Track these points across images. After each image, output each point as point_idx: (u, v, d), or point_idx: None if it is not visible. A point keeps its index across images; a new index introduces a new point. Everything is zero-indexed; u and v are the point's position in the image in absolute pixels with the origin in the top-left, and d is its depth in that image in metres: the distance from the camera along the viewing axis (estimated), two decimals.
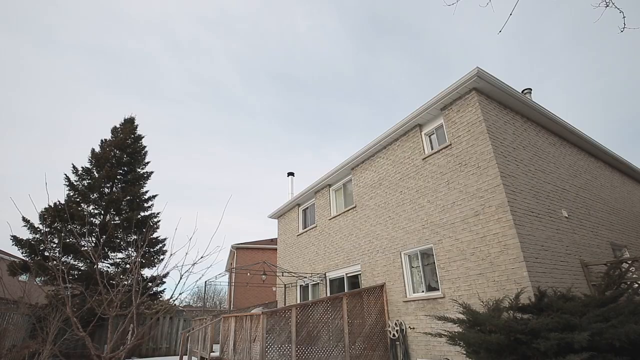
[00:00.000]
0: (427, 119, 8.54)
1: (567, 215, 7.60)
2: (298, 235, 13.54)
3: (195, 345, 9.88)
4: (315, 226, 12.41)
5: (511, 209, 6.22)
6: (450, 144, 7.66)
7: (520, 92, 8.49)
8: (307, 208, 13.69)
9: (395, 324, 7.91)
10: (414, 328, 7.58)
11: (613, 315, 4.11)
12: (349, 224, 10.64)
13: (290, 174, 16.20)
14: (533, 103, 8.15)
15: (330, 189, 12.13)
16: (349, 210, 10.77)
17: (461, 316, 5.19)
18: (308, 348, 7.17)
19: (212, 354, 9.13)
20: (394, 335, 7.84)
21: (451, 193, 7.41)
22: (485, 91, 7.46)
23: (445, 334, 5.20)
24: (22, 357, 9.92)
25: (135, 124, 18.35)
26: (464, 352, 5.07)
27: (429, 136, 8.59)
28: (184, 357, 10.01)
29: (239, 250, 24.69)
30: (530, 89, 10.61)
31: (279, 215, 15.43)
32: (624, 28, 3.58)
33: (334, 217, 11.46)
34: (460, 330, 5.09)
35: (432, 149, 8.37)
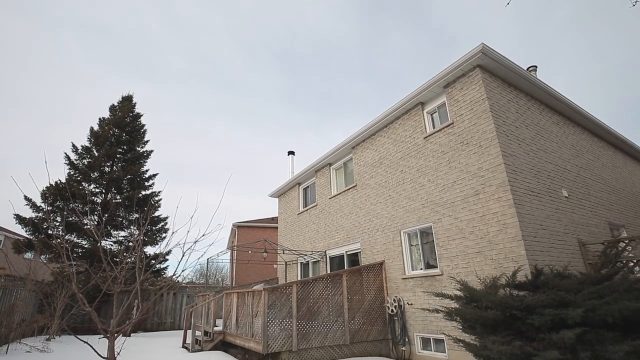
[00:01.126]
0: (429, 97, 8.41)
1: (567, 195, 7.61)
2: (299, 214, 13.64)
3: (199, 320, 10.17)
4: (316, 205, 12.49)
5: (511, 189, 6.22)
6: (452, 123, 7.57)
7: (525, 69, 8.30)
8: (308, 187, 13.73)
9: (394, 300, 8.10)
10: (412, 304, 7.76)
11: (607, 293, 4.18)
12: (349, 202, 10.70)
13: (291, 152, 16.13)
14: (538, 81, 7.99)
15: (331, 168, 12.11)
16: (349, 189, 10.79)
17: (458, 293, 5.30)
18: (308, 323, 7.38)
19: (215, 328, 9.41)
20: (392, 310, 8.04)
21: (452, 172, 7.39)
22: (490, 68, 7.29)
23: (443, 309, 5.33)
24: (32, 330, 10.26)
25: (133, 102, 18.11)
26: (460, 328, 5.21)
27: (431, 115, 8.49)
28: (188, 331, 10.31)
29: (240, 228, 24.98)
30: (536, 67, 10.38)
31: (280, 194, 15.49)
32: (635, 2, 3.45)
33: (334, 196, 11.51)
34: (457, 306, 5.21)
35: (433, 127, 8.28)
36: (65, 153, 15.85)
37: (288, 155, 16.14)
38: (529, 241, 5.99)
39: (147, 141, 17.82)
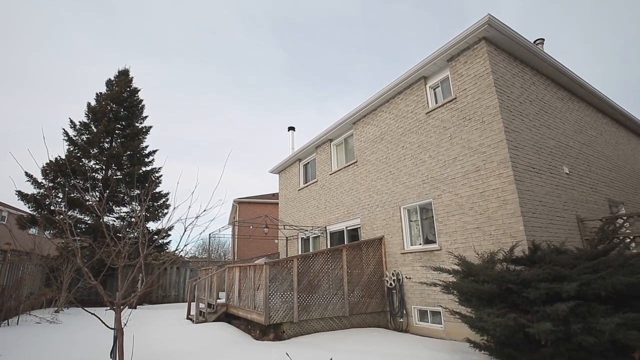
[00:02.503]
0: (432, 71, 8.21)
1: (568, 172, 7.60)
2: (299, 190, 13.70)
3: (202, 293, 10.45)
4: (316, 181, 12.51)
5: (512, 165, 6.20)
6: (455, 98, 7.44)
7: (532, 42, 8.05)
8: (308, 163, 13.70)
9: (393, 274, 8.27)
10: (410, 278, 7.93)
11: (602, 268, 4.25)
12: (349, 178, 10.71)
13: (291, 128, 15.98)
14: (544, 55, 7.78)
15: (332, 143, 12.03)
16: (349, 165, 10.77)
17: (456, 267, 5.40)
18: (309, 295, 7.58)
19: (218, 300, 9.68)
20: (390, 284, 8.24)
21: (453, 148, 7.34)
22: (496, 41, 7.08)
23: (440, 283, 5.45)
24: (40, 303, 10.57)
25: (130, 76, 17.76)
26: (457, 300, 5.34)
27: (434, 89, 8.32)
28: (192, 303, 10.62)
29: (241, 204, 25.17)
30: (543, 40, 10.07)
31: (280, 170, 15.48)
32: None
33: (334, 172, 11.50)
34: (455, 280, 5.32)
35: (436, 102, 8.14)
36: (64, 129, 15.73)
37: (288, 131, 16.00)
38: (528, 217, 6.04)
39: (146, 117, 17.63)
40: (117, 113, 16.77)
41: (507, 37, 6.95)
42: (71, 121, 15.98)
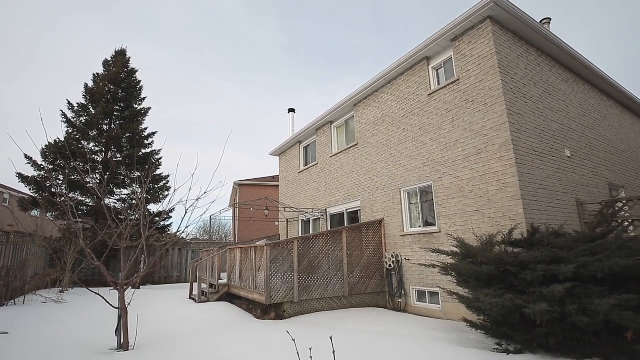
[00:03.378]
0: (436, 51, 8.04)
1: (569, 155, 7.56)
2: (299, 173, 13.69)
3: (204, 274, 10.62)
4: (317, 163, 12.48)
5: (514, 148, 6.16)
6: (458, 79, 7.32)
7: (539, 22, 7.85)
8: (309, 145, 13.63)
9: (392, 255, 8.37)
10: (409, 259, 8.03)
11: (600, 251, 4.29)
12: (350, 161, 10.68)
13: (291, 110, 15.81)
14: (551, 35, 7.59)
15: (332, 126, 11.93)
16: (350, 147, 10.72)
17: (455, 249, 5.46)
18: (309, 276, 7.70)
19: (220, 281, 9.85)
20: (390, 265, 8.35)
21: (455, 131, 7.28)
22: (501, 20, 6.89)
23: (439, 265, 5.52)
24: (45, 283, 10.75)
25: (127, 56, 17.43)
26: (455, 282, 5.43)
27: (437, 70, 8.17)
28: (194, 284, 10.81)
29: (241, 186, 25.23)
30: (550, 19, 9.82)
31: (280, 152, 15.43)
32: None
33: (335, 155, 11.46)
34: (453, 262, 5.39)
35: (438, 84, 8.02)
36: (62, 111, 15.58)
37: (288, 112, 15.84)
38: (528, 200, 6.05)
39: (144, 98, 17.43)
40: (115, 94, 16.56)
41: (512, 16, 6.77)
42: (69, 103, 15.81)
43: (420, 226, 8.08)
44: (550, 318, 3.95)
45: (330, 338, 1.89)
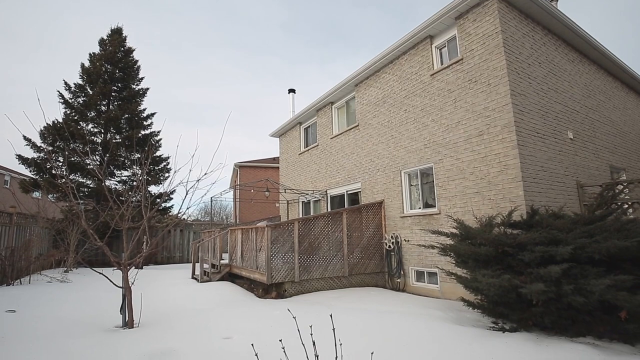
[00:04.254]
0: (439, 30, 7.84)
1: (572, 137, 7.50)
2: (300, 154, 13.65)
3: (206, 254, 10.77)
4: (317, 145, 12.42)
5: (516, 130, 6.11)
6: (462, 59, 7.17)
7: None
8: (309, 127, 13.52)
9: (392, 236, 8.46)
10: (408, 240, 8.12)
11: (598, 232, 4.32)
12: (350, 142, 10.62)
13: (291, 90, 15.60)
14: (559, 13, 7.37)
15: (333, 106, 11.79)
16: (351, 129, 10.63)
17: (454, 230, 5.50)
18: (310, 257, 7.81)
19: (221, 261, 10.00)
20: (389, 246, 8.45)
21: (457, 112, 7.19)
22: None
23: (438, 246, 5.58)
24: (50, 263, 10.92)
25: (124, 35, 17.04)
26: (453, 262, 5.50)
27: (440, 49, 8.00)
28: (196, 264, 10.98)
29: (242, 168, 25.23)
30: None
31: (281, 133, 15.32)
32: None
33: (335, 136, 11.39)
34: (452, 243, 5.44)
35: (441, 63, 7.86)
36: (59, 91, 15.38)
37: (289, 93, 15.63)
38: (528, 182, 6.05)
39: (142, 78, 17.18)
40: (113, 74, 16.30)
41: None
42: (65, 83, 15.58)
43: (420, 208, 8.12)
44: (546, 298, 4.03)
45: (330, 316, 1.93)
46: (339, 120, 11.68)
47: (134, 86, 16.90)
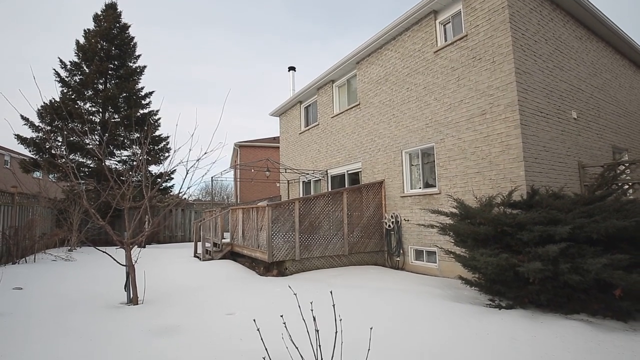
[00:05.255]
0: (444, 4, 7.59)
1: (576, 117, 7.40)
2: (300, 134, 13.54)
3: (208, 233, 10.89)
4: (318, 124, 12.30)
5: (520, 109, 6.02)
6: (467, 35, 6.97)
7: None
8: (309, 105, 13.35)
9: (392, 216, 8.52)
10: (408, 220, 8.18)
11: (597, 213, 4.34)
12: (351, 122, 10.51)
13: (291, 68, 15.29)
14: None
15: (334, 85, 11.60)
16: (352, 107, 10.50)
17: (454, 210, 5.53)
18: (310, 236, 7.90)
19: (223, 240, 10.13)
20: (389, 226, 8.53)
21: (460, 90, 7.07)
22: None
23: (438, 225, 5.62)
24: (54, 242, 11.07)
25: (118, 10, 16.53)
26: (452, 241, 5.56)
27: (444, 25, 7.77)
28: (198, 243, 11.13)
29: (242, 148, 25.13)
30: None
31: (281, 113, 15.15)
32: None
33: (336, 115, 11.26)
34: (452, 222, 5.48)
35: (445, 40, 7.65)
36: (55, 70, 15.09)
37: (289, 71, 15.34)
38: (530, 162, 6.02)
39: (139, 56, 16.80)
40: (109, 52, 15.94)
41: None
42: (61, 61, 15.26)
43: (420, 187, 8.14)
44: (542, 276, 4.09)
45: (331, 292, 1.97)
46: (340, 99, 11.51)
47: (131, 64, 16.56)
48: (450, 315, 4.30)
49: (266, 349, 1.77)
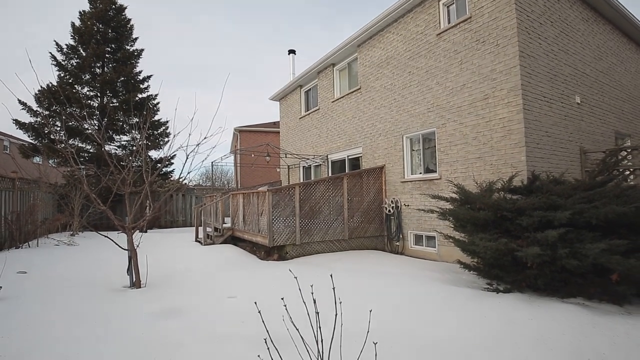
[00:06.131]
0: None
1: (579, 102, 7.31)
2: (300, 118, 13.44)
3: (209, 218, 10.95)
4: (318, 109, 12.19)
5: (523, 93, 5.94)
6: (470, 17, 6.82)
7: None
8: (310, 90, 13.19)
9: (392, 201, 8.54)
10: (408, 205, 8.21)
11: (597, 198, 4.33)
12: (352, 106, 10.41)
13: (292, 51, 15.03)
14: None
15: (334, 68, 11.42)
16: (353, 92, 10.37)
17: (454, 195, 5.54)
18: (311, 220, 7.94)
19: (224, 225, 10.19)
20: (389, 211, 8.56)
21: (463, 74, 6.97)
22: None
23: (437, 210, 5.64)
24: (56, 227, 11.16)
25: None
26: (452, 226, 5.59)
27: (448, 7, 7.58)
28: (199, 228, 11.21)
29: (242, 132, 25.00)
30: None
31: (281, 97, 14.99)
32: None
33: (337, 100, 11.14)
34: (452, 207, 5.50)
35: (449, 22, 7.49)
36: (51, 53, 14.84)
37: (289, 54, 15.08)
38: (531, 148, 5.99)
39: (136, 38, 16.51)
40: (105, 34, 15.65)
41: None
42: (57, 44, 14.99)
43: (421, 173, 8.13)
44: (540, 261, 4.13)
45: (331, 276, 1.99)
46: (341, 83, 11.36)
47: (128, 47, 16.29)
48: (449, 298, 4.37)
49: (267, 331, 1.80)
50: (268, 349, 1.74)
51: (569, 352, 2.83)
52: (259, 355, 1.81)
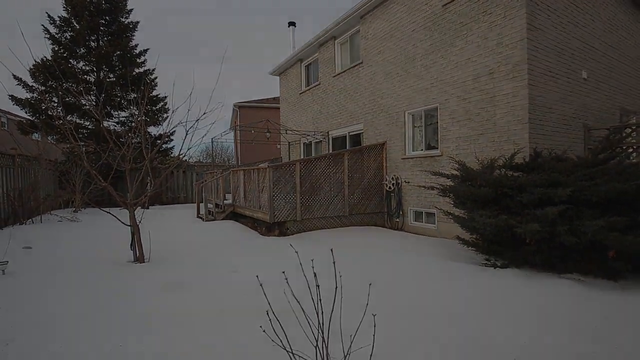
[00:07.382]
0: None
1: (586, 77, 7.14)
2: (301, 94, 13.22)
3: (210, 195, 11.01)
4: (319, 84, 11.96)
5: (529, 68, 5.80)
6: None
7: None
8: (310, 64, 12.89)
9: (392, 178, 8.54)
10: (409, 182, 8.22)
11: (599, 176, 4.32)
12: (353, 82, 10.20)
13: (292, 23, 14.56)
14: None
15: (336, 41, 11.10)
16: (354, 66, 10.13)
17: (455, 172, 5.52)
18: (311, 197, 7.98)
19: (225, 201, 10.26)
20: (389, 187, 8.58)
21: (468, 48, 6.77)
22: None
23: (438, 187, 5.65)
24: (58, 204, 11.24)
25: None
26: (452, 203, 5.61)
27: None
28: (200, 204, 11.29)
29: (242, 108, 24.68)
30: None
31: (280, 72, 14.67)
32: None
33: (338, 74, 10.91)
34: (452, 184, 5.50)
35: None
36: (43, 25, 14.38)
37: (288, 26, 14.62)
38: (535, 125, 5.91)
39: (131, 10, 15.95)
40: (99, 5, 15.12)
41: None
42: (49, 16, 14.50)
43: (422, 150, 8.07)
44: (539, 237, 4.17)
45: (331, 250, 2.01)
46: (342, 56, 11.08)
47: (123, 19, 15.78)
48: (446, 273, 4.45)
49: (269, 303, 1.84)
50: (270, 320, 1.78)
51: (561, 324, 2.91)
52: (260, 326, 1.86)
